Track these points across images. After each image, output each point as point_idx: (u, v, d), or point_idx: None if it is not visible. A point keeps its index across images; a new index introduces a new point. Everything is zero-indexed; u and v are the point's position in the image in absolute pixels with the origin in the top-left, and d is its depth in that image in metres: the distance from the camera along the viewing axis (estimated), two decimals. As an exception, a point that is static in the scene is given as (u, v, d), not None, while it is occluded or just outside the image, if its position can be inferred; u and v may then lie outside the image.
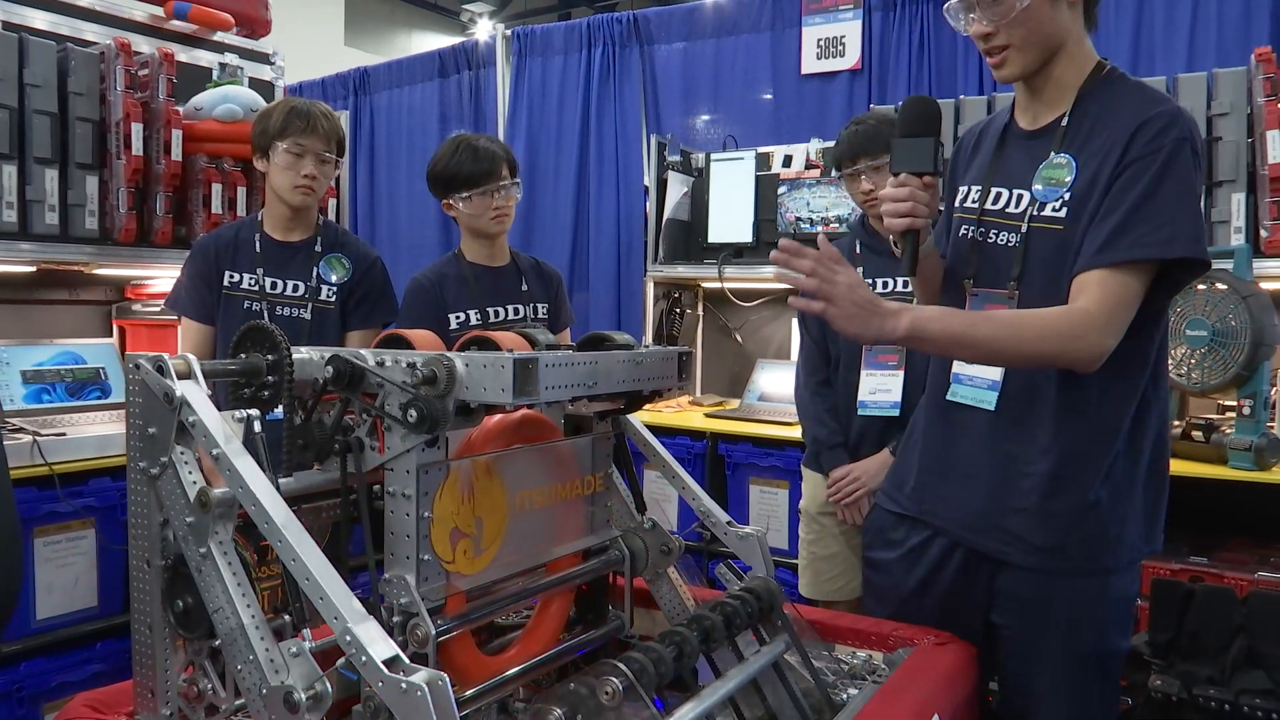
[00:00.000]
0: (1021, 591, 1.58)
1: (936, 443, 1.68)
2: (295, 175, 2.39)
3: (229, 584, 1.11)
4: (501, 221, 2.56)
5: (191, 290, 2.46)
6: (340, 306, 2.49)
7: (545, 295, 2.67)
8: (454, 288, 2.57)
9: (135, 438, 1.20)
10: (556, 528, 1.46)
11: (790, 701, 1.38)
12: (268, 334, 1.26)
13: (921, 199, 1.56)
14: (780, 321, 3.74)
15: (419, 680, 0.96)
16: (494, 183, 2.50)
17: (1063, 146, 1.54)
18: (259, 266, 2.45)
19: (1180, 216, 1.43)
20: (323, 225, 2.57)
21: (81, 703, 1.27)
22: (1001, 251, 1.60)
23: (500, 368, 1.14)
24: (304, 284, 2.47)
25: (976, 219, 1.64)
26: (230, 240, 2.47)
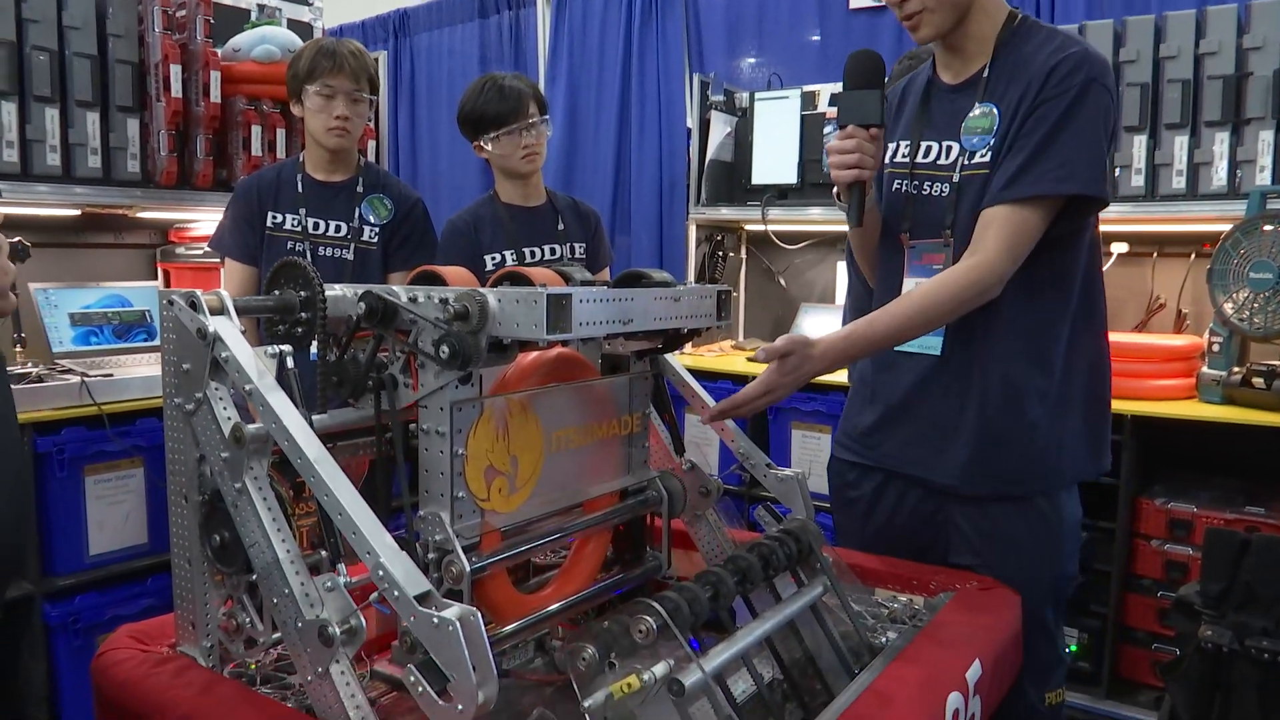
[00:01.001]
0: (977, 523, 1.65)
1: (886, 389, 1.75)
2: (327, 117, 2.38)
3: (264, 519, 1.12)
4: (532, 160, 2.52)
5: (234, 231, 2.46)
6: (382, 247, 2.49)
7: (583, 234, 2.64)
8: (489, 229, 2.55)
9: (170, 374, 1.20)
10: (593, 467, 1.44)
11: (828, 644, 1.36)
12: (301, 270, 1.24)
13: (869, 150, 1.59)
14: (825, 265, 3.67)
15: (451, 615, 0.96)
16: (521, 121, 2.46)
17: (985, 97, 1.59)
18: (301, 207, 2.44)
19: (1080, 155, 1.49)
20: (364, 166, 2.55)
21: (126, 634, 1.29)
22: (935, 202, 1.65)
23: (533, 303, 1.11)
24: (346, 224, 2.47)
25: (908, 173, 1.68)
26: (272, 181, 2.47)
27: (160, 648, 1.27)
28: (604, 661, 1.11)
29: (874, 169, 1.61)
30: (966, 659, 1.24)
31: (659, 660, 1.08)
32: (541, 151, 2.55)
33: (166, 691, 1.13)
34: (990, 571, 1.60)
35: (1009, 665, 1.40)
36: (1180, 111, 2.60)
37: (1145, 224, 2.84)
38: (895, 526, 1.76)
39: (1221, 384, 2.52)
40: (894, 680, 1.17)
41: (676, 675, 1.06)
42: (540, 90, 2.57)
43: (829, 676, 1.36)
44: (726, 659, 1.16)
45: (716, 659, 1.14)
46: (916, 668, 1.20)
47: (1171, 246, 2.96)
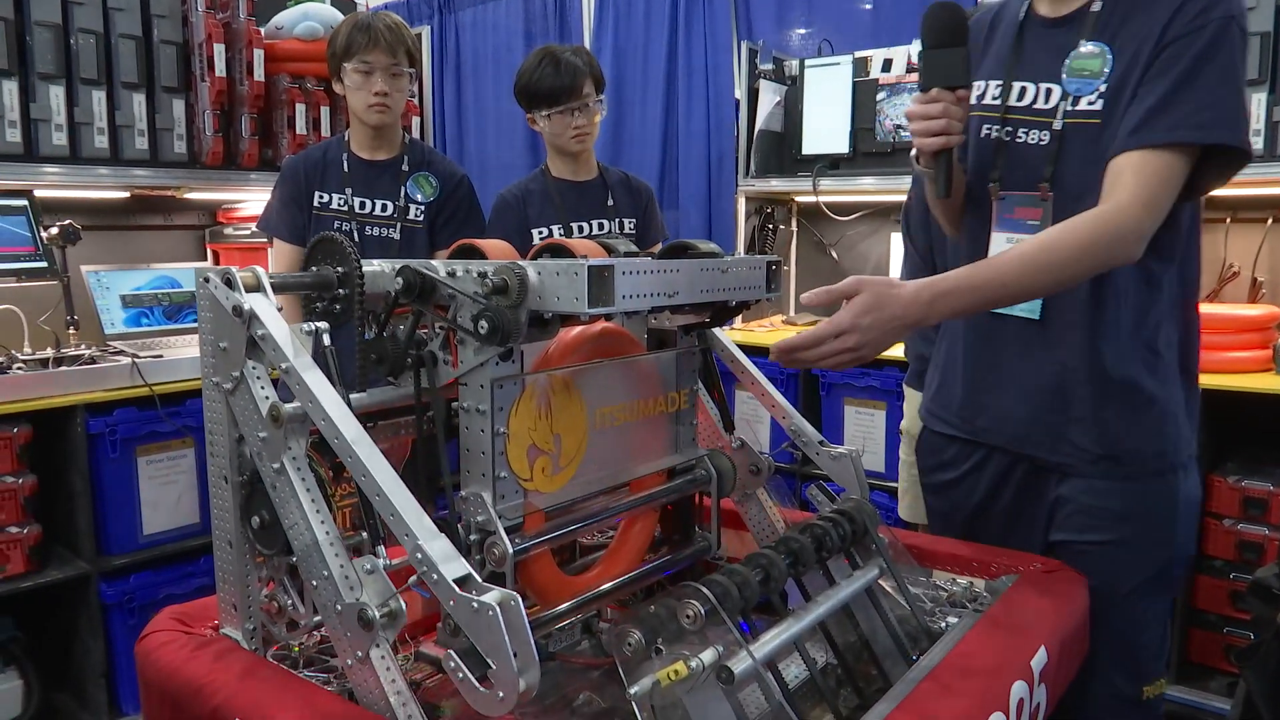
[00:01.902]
0: (1087, 501, 1.52)
1: (982, 358, 1.62)
2: (367, 94, 2.35)
3: (303, 500, 1.09)
4: (582, 140, 2.50)
5: (282, 211, 2.46)
6: (428, 225, 2.47)
7: (633, 209, 2.61)
8: (538, 203, 2.55)
9: (208, 353, 1.18)
10: (639, 446, 1.40)
11: (884, 628, 1.30)
12: (338, 245, 1.21)
13: (956, 114, 1.46)
14: (878, 236, 3.57)
15: (490, 600, 0.92)
16: (575, 100, 2.43)
17: (1095, 34, 1.43)
18: (348, 186, 2.43)
19: (1223, 100, 1.34)
20: (409, 143, 2.53)
21: (169, 615, 1.29)
22: (1031, 151, 1.50)
23: (574, 275, 1.07)
24: (392, 203, 2.45)
25: (1000, 117, 1.54)
26: (319, 160, 2.46)
27: (203, 630, 1.26)
28: (650, 647, 1.07)
29: (962, 134, 1.49)
30: (1032, 646, 1.18)
31: (707, 646, 1.04)
32: (593, 131, 2.52)
33: (208, 675, 1.12)
34: (1096, 551, 1.50)
35: (1076, 652, 1.33)
36: (1258, 66, 2.46)
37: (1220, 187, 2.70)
38: (997, 504, 1.63)
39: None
40: (954, 668, 1.12)
41: (725, 662, 1.02)
42: (598, 68, 2.52)
43: (885, 662, 1.31)
44: (778, 645, 1.11)
45: (767, 645, 1.09)
46: (978, 655, 1.14)
47: (1247, 211, 2.82)
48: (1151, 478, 1.50)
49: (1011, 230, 1.53)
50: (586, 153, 2.58)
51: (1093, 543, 1.51)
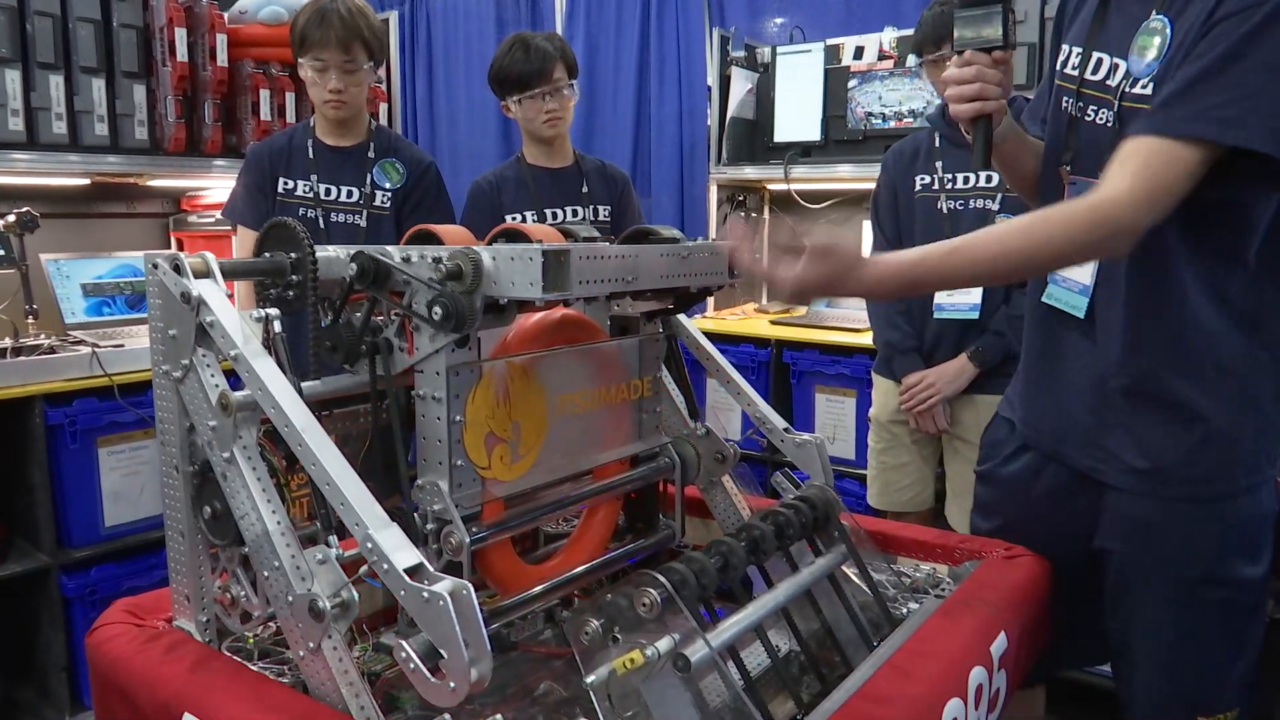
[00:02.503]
0: (1125, 512, 1.39)
1: (1035, 348, 1.51)
2: (322, 90, 2.30)
3: (253, 490, 1.07)
4: (554, 125, 2.50)
5: (247, 199, 2.42)
6: (395, 213, 2.43)
7: (608, 197, 2.61)
8: (512, 190, 2.55)
9: (157, 340, 1.16)
10: (601, 434, 1.39)
11: (847, 615, 1.30)
12: (290, 231, 1.19)
13: (991, 78, 1.37)
14: (851, 224, 3.57)
15: (441, 589, 0.91)
16: (545, 85, 2.42)
17: (1162, 6, 1.27)
18: (313, 173, 2.39)
19: (1260, 94, 1.16)
20: (375, 130, 2.49)
21: (121, 608, 1.27)
22: (1099, 132, 1.35)
23: (529, 260, 1.06)
24: (358, 190, 2.41)
25: (1076, 90, 1.39)
26: (284, 147, 2.42)
27: (156, 622, 1.24)
28: (608, 636, 1.06)
29: (1001, 99, 1.38)
30: (991, 631, 1.18)
31: (664, 635, 1.03)
32: (566, 116, 2.52)
33: (158, 668, 1.10)
34: (1137, 563, 1.38)
35: (1038, 638, 1.33)
36: None
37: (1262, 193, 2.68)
38: (1041, 497, 1.51)
39: None
40: (913, 653, 1.11)
41: (682, 650, 1.01)
42: (571, 53, 2.51)
43: (848, 648, 1.31)
44: (737, 632, 1.11)
45: (725, 633, 1.09)
46: (937, 640, 1.14)
47: None
48: (1197, 501, 1.35)
49: None
50: (561, 139, 2.57)
51: (1129, 554, 1.39)
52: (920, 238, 2.40)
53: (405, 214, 2.44)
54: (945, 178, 2.35)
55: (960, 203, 2.34)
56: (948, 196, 2.36)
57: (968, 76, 1.37)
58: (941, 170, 2.36)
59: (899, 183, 2.45)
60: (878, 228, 2.52)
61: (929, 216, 2.38)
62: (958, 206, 2.34)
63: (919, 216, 2.40)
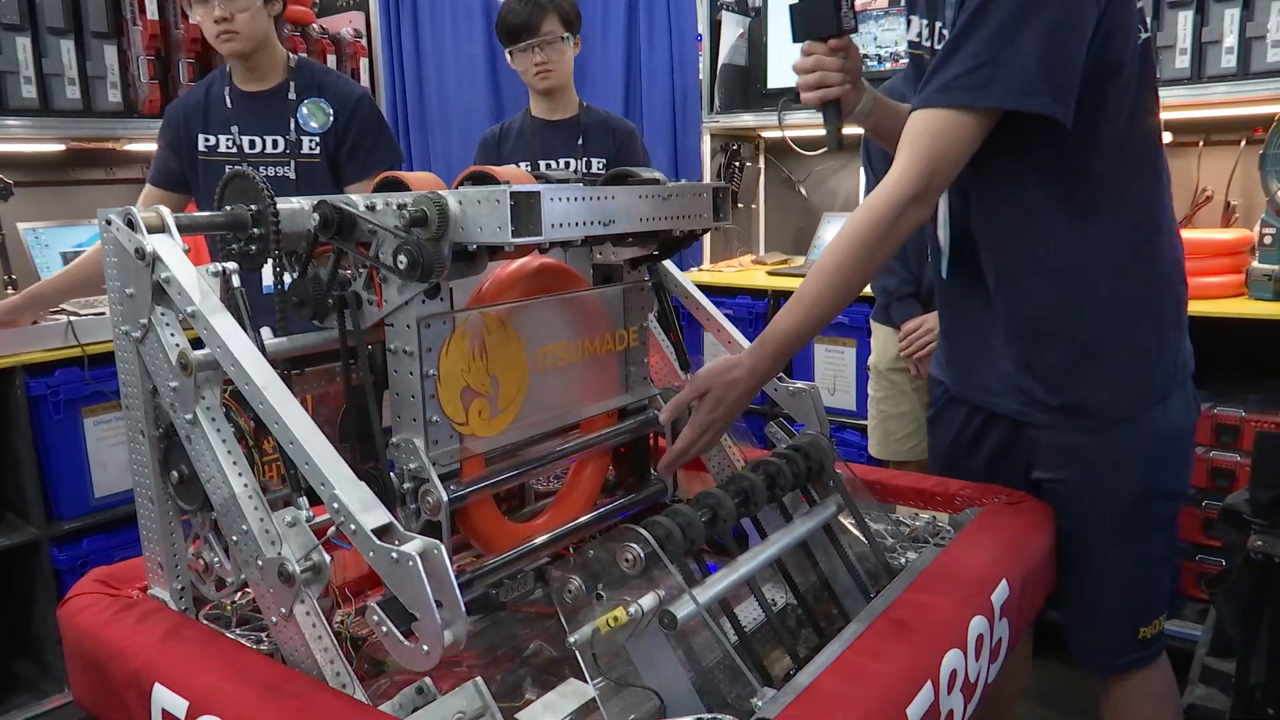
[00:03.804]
0: (1057, 443, 1.44)
1: (944, 310, 1.61)
2: (209, 24, 2.07)
3: (218, 452, 1.03)
4: (545, 77, 2.50)
5: (158, 159, 2.26)
6: (328, 158, 2.22)
7: (605, 149, 2.60)
8: (512, 141, 2.60)
9: (115, 300, 1.11)
10: (585, 386, 1.34)
11: (844, 566, 1.26)
12: (249, 182, 1.14)
13: (830, 65, 1.42)
14: (848, 171, 3.49)
15: (411, 549, 0.87)
16: (535, 37, 2.42)
17: None
18: (233, 124, 2.19)
19: (1000, 58, 1.19)
20: (296, 67, 2.23)
21: (94, 578, 1.23)
22: None
23: (495, 203, 1.00)
24: (283, 138, 2.20)
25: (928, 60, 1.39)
26: (200, 101, 2.23)
27: (131, 591, 1.20)
28: (591, 593, 1.02)
29: (842, 84, 1.42)
30: (992, 580, 1.13)
31: (649, 591, 0.99)
32: (559, 69, 2.52)
33: (129, 638, 1.06)
34: (1068, 490, 1.43)
35: (1040, 585, 1.29)
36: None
37: (1191, 109, 2.63)
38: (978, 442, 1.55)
39: (1273, 279, 2.35)
40: (911, 605, 1.07)
41: (668, 607, 0.97)
42: (570, 5, 2.49)
43: (845, 600, 1.27)
44: (726, 586, 1.07)
45: (714, 588, 1.04)
46: (936, 591, 1.10)
47: (1219, 134, 2.75)
48: (1111, 425, 1.40)
49: None
50: (563, 90, 2.58)
51: (1065, 481, 1.44)
52: None
53: (344, 159, 2.23)
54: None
55: None
56: None
57: (807, 66, 1.44)
58: None
59: None
60: (870, 171, 2.46)
61: None
62: None
63: None
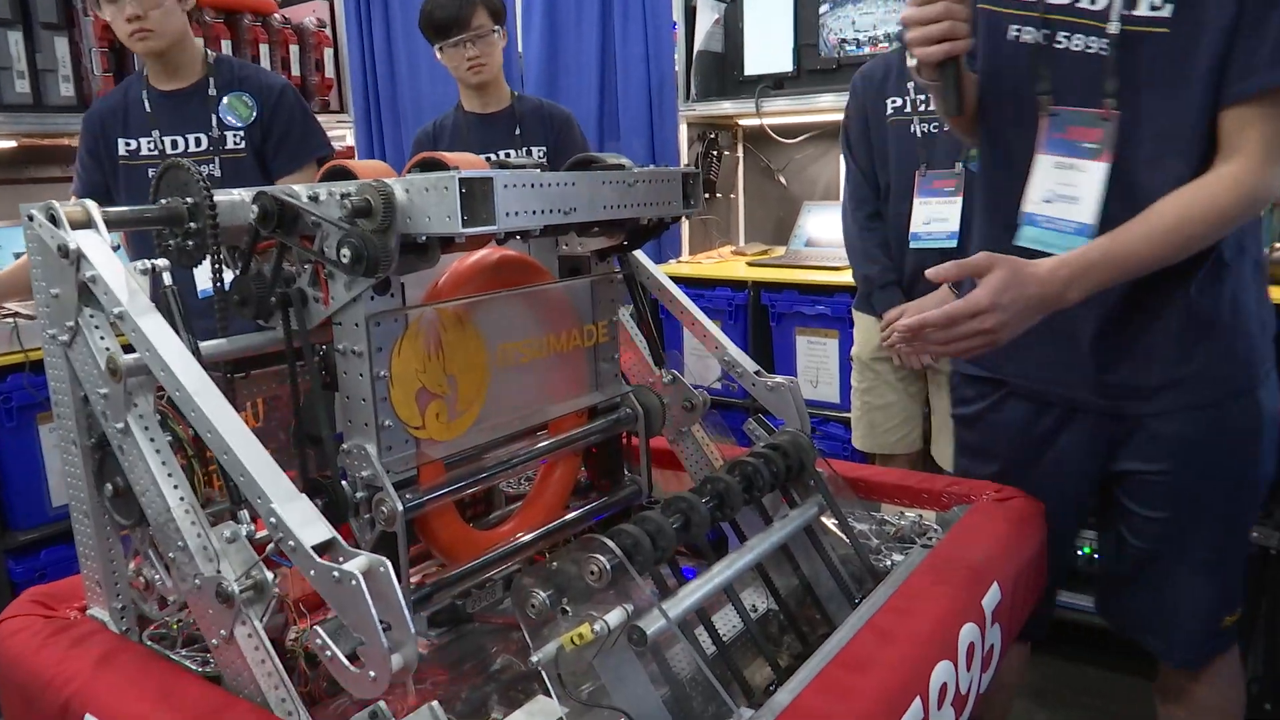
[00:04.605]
0: (1159, 431, 1.36)
1: None
2: (119, 21, 2.01)
3: (151, 463, 0.96)
4: (478, 71, 2.48)
5: (80, 169, 2.20)
6: (254, 152, 2.18)
7: (543, 138, 2.55)
8: (449, 136, 2.57)
9: (42, 302, 1.04)
10: (552, 385, 1.27)
11: (827, 569, 1.20)
12: (185, 174, 1.07)
13: (960, 15, 1.24)
14: (828, 159, 3.43)
15: (353, 568, 0.80)
16: (465, 32, 2.39)
17: None
18: (154, 127, 2.14)
19: None
20: (215, 63, 2.19)
21: (30, 598, 1.16)
22: (1084, 62, 1.28)
23: (444, 190, 0.93)
24: (205, 135, 2.15)
25: (1040, 17, 1.31)
26: (119, 104, 2.18)
27: (68, 612, 1.12)
28: (556, 607, 0.95)
29: (969, 38, 1.26)
30: (983, 583, 1.07)
31: (617, 606, 0.92)
32: (490, 63, 2.49)
33: (60, 665, 0.99)
34: (1175, 479, 1.36)
35: (1031, 586, 1.23)
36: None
37: None
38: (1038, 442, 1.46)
39: (1262, 261, 2.30)
40: (896, 612, 1.01)
41: (637, 622, 0.90)
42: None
43: (829, 605, 1.21)
44: (701, 597, 1.00)
45: (687, 599, 0.98)
46: (924, 597, 1.04)
47: None
48: (1226, 399, 1.35)
49: (1064, 153, 1.31)
50: (493, 84, 2.55)
51: (1168, 471, 1.36)
52: (895, 165, 2.28)
53: (271, 152, 2.18)
54: (918, 99, 2.22)
55: (935, 125, 2.21)
56: (921, 120, 2.23)
57: (934, 14, 1.24)
58: (914, 91, 2.23)
59: (870, 107, 2.32)
60: (850, 157, 2.40)
61: (903, 142, 2.26)
62: (932, 130, 2.22)
63: (892, 143, 2.28)
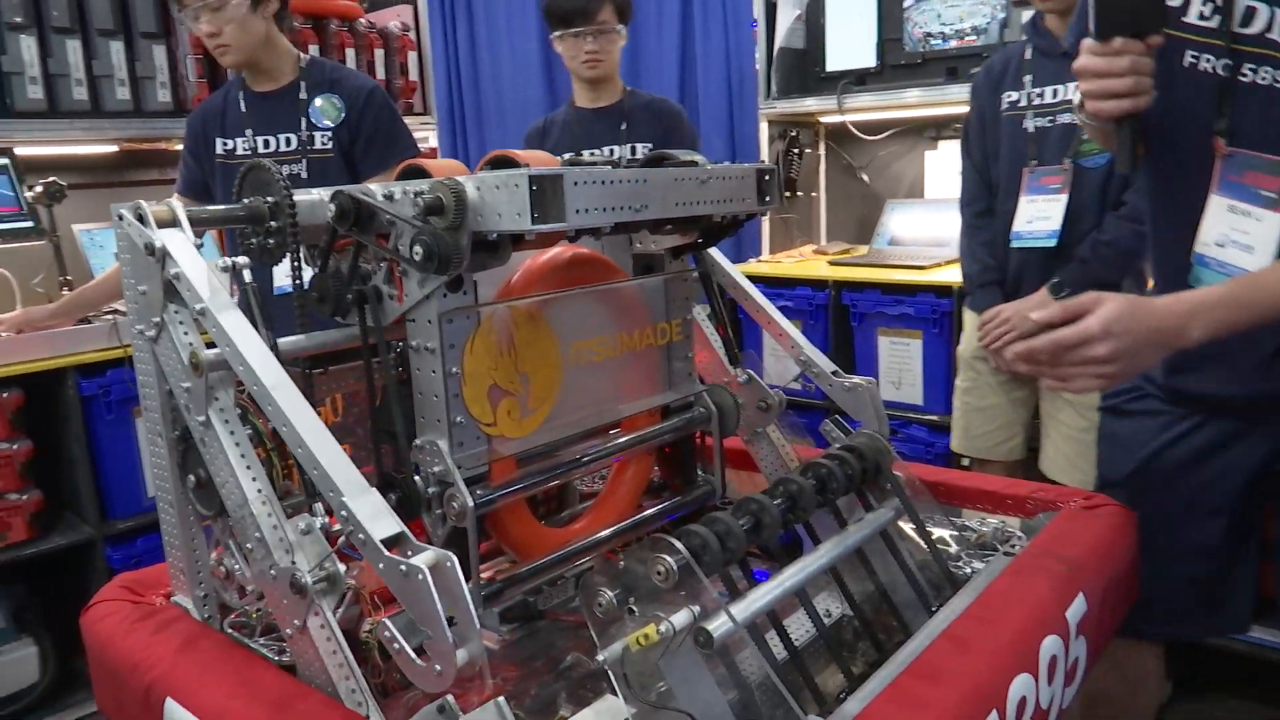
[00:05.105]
0: None
1: None
2: (204, 38, 2.11)
3: (230, 456, 0.98)
4: (594, 66, 2.47)
5: (182, 167, 2.30)
6: (342, 153, 2.22)
7: (651, 134, 2.53)
8: (557, 133, 2.56)
9: (131, 299, 1.08)
10: (625, 383, 1.27)
11: (903, 575, 1.16)
12: (267, 174, 1.09)
13: (1145, 69, 1.13)
14: (912, 156, 3.35)
15: (420, 562, 0.81)
16: (588, 24, 2.39)
17: None
18: (248, 127, 2.21)
19: None
20: (307, 66, 2.25)
21: (119, 584, 1.20)
22: (1272, 99, 1.15)
23: (514, 187, 0.93)
24: (295, 136, 2.20)
25: (1225, 46, 1.17)
26: (218, 106, 2.26)
27: (154, 598, 1.16)
28: (623, 607, 0.94)
29: (1152, 93, 1.15)
30: (1067, 594, 1.02)
31: (684, 606, 0.90)
32: (608, 59, 2.48)
33: (144, 649, 1.03)
34: None
35: (1122, 598, 1.17)
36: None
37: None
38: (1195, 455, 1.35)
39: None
40: (975, 621, 0.97)
41: (704, 624, 0.89)
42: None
43: (906, 613, 1.17)
44: (770, 600, 0.98)
45: (757, 602, 0.96)
46: (1004, 606, 1.00)
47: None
48: None
49: (1238, 198, 1.20)
50: (606, 80, 2.53)
51: None
52: (1005, 161, 2.20)
53: (359, 153, 2.22)
54: (1034, 93, 2.15)
55: (1047, 119, 2.13)
56: (1035, 114, 2.15)
57: (1119, 68, 1.12)
58: (1030, 85, 2.15)
59: (986, 102, 2.25)
60: (965, 152, 2.32)
61: (1014, 137, 2.19)
62: (1045, 124, 2.14)
63: (1004, 137, 2.21)
